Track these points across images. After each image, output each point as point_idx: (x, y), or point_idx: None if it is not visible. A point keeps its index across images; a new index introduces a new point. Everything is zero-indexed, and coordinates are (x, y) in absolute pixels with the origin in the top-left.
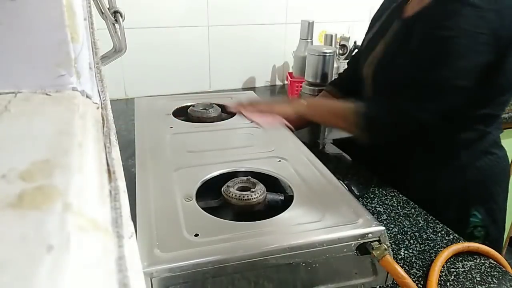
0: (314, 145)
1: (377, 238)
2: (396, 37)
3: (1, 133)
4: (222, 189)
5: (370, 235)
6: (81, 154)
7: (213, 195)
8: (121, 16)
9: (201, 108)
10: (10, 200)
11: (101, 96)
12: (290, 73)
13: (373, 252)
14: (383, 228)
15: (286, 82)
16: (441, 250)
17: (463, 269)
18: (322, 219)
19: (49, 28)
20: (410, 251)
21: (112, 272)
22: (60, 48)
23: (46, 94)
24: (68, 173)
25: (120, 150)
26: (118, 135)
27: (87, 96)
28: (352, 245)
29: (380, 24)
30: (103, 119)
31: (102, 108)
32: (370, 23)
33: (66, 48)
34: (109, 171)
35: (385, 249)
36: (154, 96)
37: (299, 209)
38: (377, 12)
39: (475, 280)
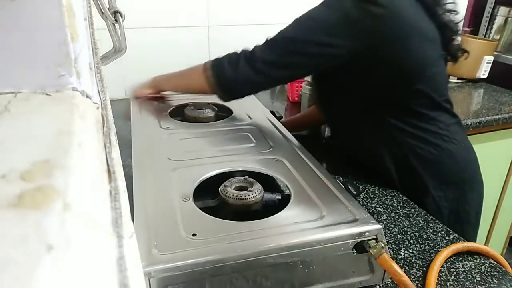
0: (314, 145)
1: (374, 237)
2: None
3: (1, 133)
4: (219, 189)
5: (367, 233)
6: (81, 154)
7: (210, 195)
8: (121, 16)
9: (197, 108)
10: (10, 200)
11: (101, 96)
12: None
13: (370, 250)
14: (380, 226)
15: None
16: (441, 250)
17: (463, 269)
18: (319, 218)
19: (49, 28)
20: (410, 251)
21: (112, 272)
22: (60, 48)
23: (46, 94)
24: (68, 173)
25: (120, 150)
26: (118, 135)
27: (87, 96)
28: (349, 243)
29: None
30: (103, 119)
31: (102, 108)
32: None
33: (66, 48)
34: (109, 171)
35: (382, 247)
36: (153, 96)
37: (296, 208)
38: None
39: (475, 280)
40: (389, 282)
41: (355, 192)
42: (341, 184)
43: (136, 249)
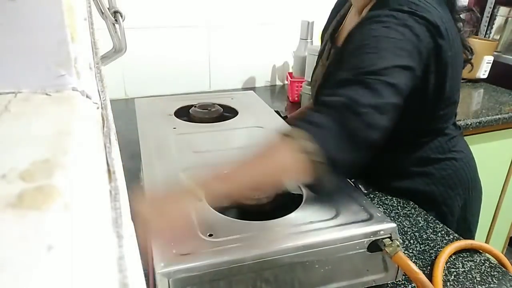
0: None
1: (389, 235)
2: (331, 65)
3: (1, 133)
4: None
5: (382, 232)
6: (81, 154)
7: None
8: (121, 16)
9: (202, 109)
10: (10, 200)
11: (101, 96)
12: (290, 73)
13: (386, 248)
14: (394, 225)
15: (286, 82)
16: (441, 250)
17: (463, 269)
18: (334, 218)
19: (49, 28)
20: (410, 251)
21: (112, 272)
22: (60, 48)
23: (46, 94)
24: (68, 173)
25: (120, 150)
26: (118, 135)
27: (87, 96)
28: (365, 242)
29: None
30: (103, 119)
31: (102, 108)
32: (321, 35)
33: (66, 48)
34: (109, 171)
35: (398, 246)
36: (154, 96)
37: (310, 208)
38: (326, 22)
39: (475, 280)
40: (399, 280)
41: (366, 191)
42: (352, 183)
43: (137, 249)
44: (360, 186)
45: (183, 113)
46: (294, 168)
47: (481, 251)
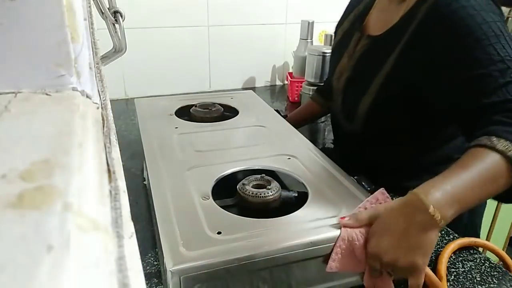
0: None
1: None
2: (365, 55)
3: (1, 133)
4: (237, 187)
5: None
6: (81, 154)
7: (226, 193)
8: (121, 16)
9: (203, 108)
10: (10, 200)
11: (101, 96)
12: (290, 73)
13: None
14: None
15: (286, 82)
16: (441, 250)
17: (463, 269)
18: (339, 214)
19: (49, 28)
20: None
21: (112, 272)
22: (60, 48)
23: (46, 94)
24: (68, 173)
25: (120, 150)
26: (118, 135)
27: (87, 96)
28: None
29: (343, 32)
30: (103, 119)
31: (102, 108)
32: (335, 30)
33: (66, 48)
34: (109, 171)
35: None
36: (154, 96)
37: (315, 205)
38: (341, 17)
39: (475, 280)
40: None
41: (369, 188)
42: (355, 180)
43: (137, 249)
44: (363, 183)
45: (184, 113)
46: (506, 176)
47: (481, 250)
